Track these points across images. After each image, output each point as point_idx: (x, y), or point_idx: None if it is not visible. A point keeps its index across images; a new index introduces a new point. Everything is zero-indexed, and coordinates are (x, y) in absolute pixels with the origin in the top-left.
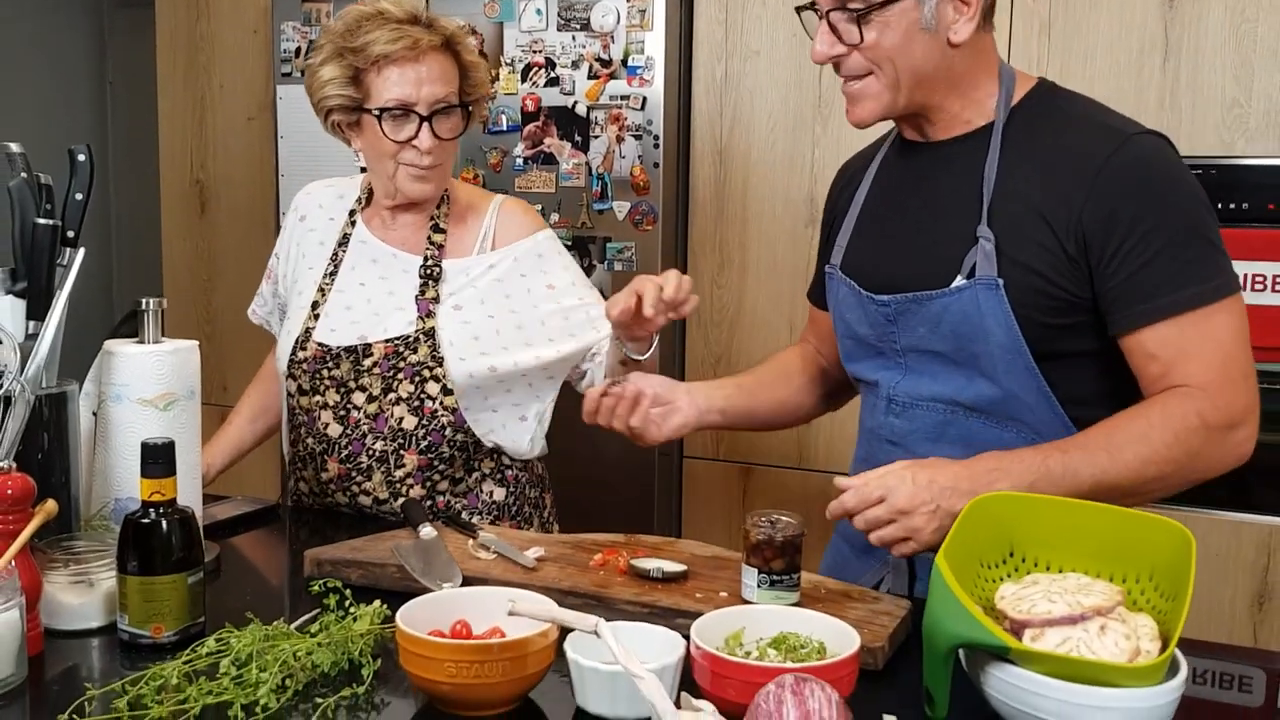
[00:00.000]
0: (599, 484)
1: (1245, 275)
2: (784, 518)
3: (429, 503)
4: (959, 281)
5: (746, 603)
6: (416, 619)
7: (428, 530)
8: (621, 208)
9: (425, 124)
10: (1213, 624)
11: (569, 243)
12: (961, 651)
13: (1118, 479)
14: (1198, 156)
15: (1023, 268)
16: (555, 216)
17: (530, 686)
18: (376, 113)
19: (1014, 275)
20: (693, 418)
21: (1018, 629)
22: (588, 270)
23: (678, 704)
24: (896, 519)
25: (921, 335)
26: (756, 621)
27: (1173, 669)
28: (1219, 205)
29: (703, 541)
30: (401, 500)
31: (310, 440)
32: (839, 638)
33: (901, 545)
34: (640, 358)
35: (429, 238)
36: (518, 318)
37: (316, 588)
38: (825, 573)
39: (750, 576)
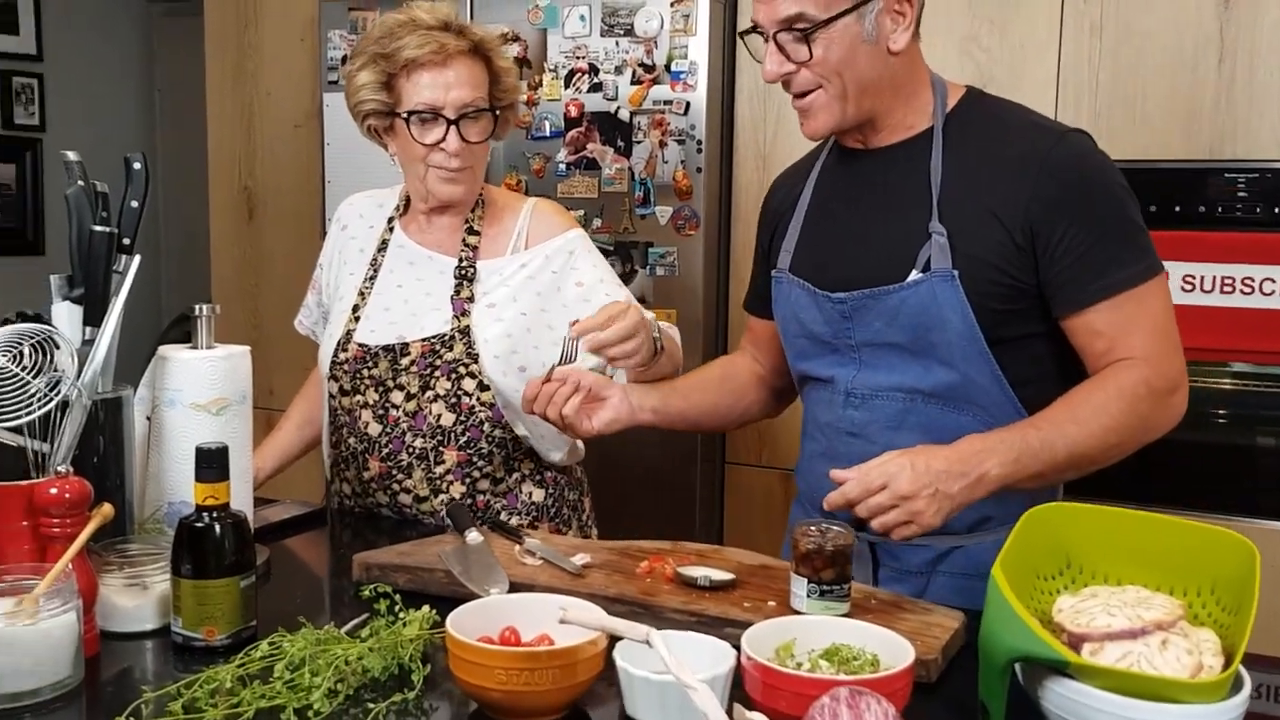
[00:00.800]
0: (639, 489)
1: None
2: (834, 527)
3: (469, 502)
4: (915, 275)
5: (796, 613)
6: (466, 625)
7: (474, 535)
8: (664, 213)
9: (453, 127)
10: (1274, 637)
11: (610, 248)
12: (1018, 665)
13: (1087, 448)
14: (1253, 160)
15: (975, 259)
16: (597, 221)
17: (579, 695)
18: (405, 116)
19: (967, 266)
20: (624, 414)
21: (1076, 643)
22: (630, 275)
23: (730, 715)
24: (899, 504)
25: (878, 329)
26: (808, 632)
27: (1236, 685)
28: (1275, 210)
29: (746, 549)
30: (442, 498)
31: (352, 440)
32: (892, 650)
33: (903, 529)
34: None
35: (464, 239)
36: (548, 316)
37: (367, 592)
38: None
39: (800, 586)
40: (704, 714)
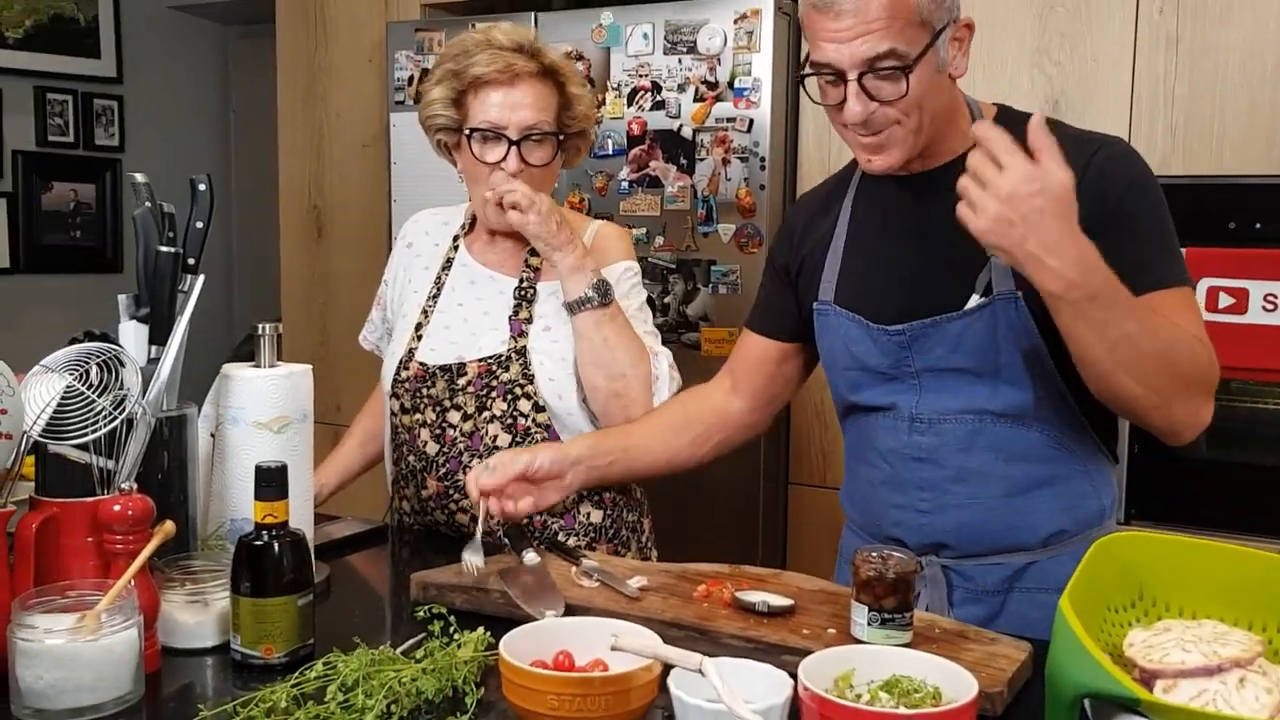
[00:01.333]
0: (701, 509)
1: None
2: (896, 553)
3: (526, 521)
4: (977, 299)
5: (857, 641)
6: (519, 648)
7: (531, 556)
8: (727, 230)
9: (514, 148)
10: None
11: (673, 265)
12: (1087, 701)
13: (1154, 342)
14: None
15: None
16: (660, 239)
17: None
18: (468, 132)
19: (1029, 285)
20: (548, 496)
21: (1148, 679)
22: (692, 293)
23: None
24: (1028, 207)
25: (940, 355)
26: (868, 662)
27: None
28: None
29: (808, 573)
30: (497, 519)
31: (411, 458)
32: (955, 682)
33: (980, 215)
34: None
35: (526, 260)
36: None
37: (421, 613)
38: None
39: (860, 614)
40: None
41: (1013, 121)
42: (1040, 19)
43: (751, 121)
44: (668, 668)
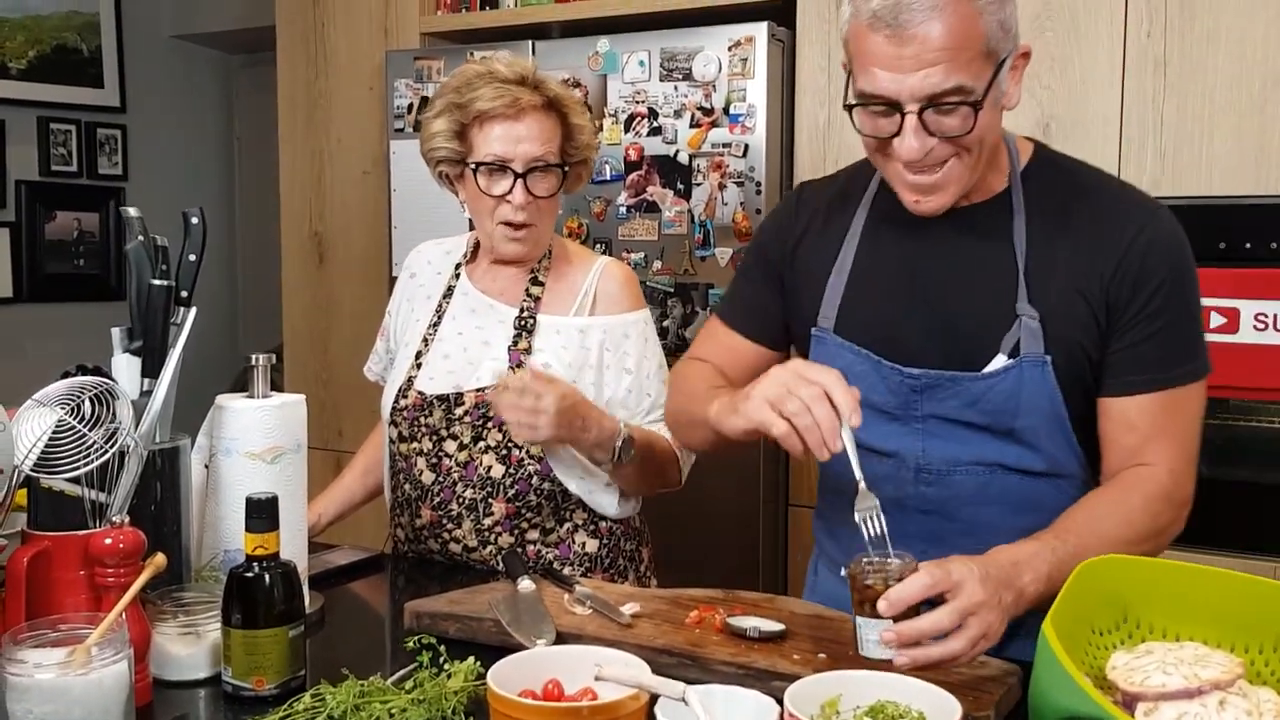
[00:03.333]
0: (701, 534)
1: None
2: (894, 559)
3: (520, 549)
4: (1003, 360)
5: (869, 661)
6: (508, 678)
7: (526, 584)
8: (724, 254)
9: (520, 180)
10: None
11: (671, 289)
12: None
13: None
14: None
15: (1065, 341)
16: (658, 264)
17: None
18: (473, 166)
19: (1058, 351)
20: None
21: (1130, 702)
22: (691, 316)
23: None
24: (978, 614)
25: (952, 408)
26: (855, 688)
27: None
28: None
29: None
30: (490, 549)
31: (407, 486)
32: (940, 707)
33: (979, 644)
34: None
35: (527, 290)
36: (593, 391)
37: (410, 644)
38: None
39: (871, 630)
40: None
41: (1054, 163)
42: (1029, 43)
43: (747, 146)
44: (656, 696)
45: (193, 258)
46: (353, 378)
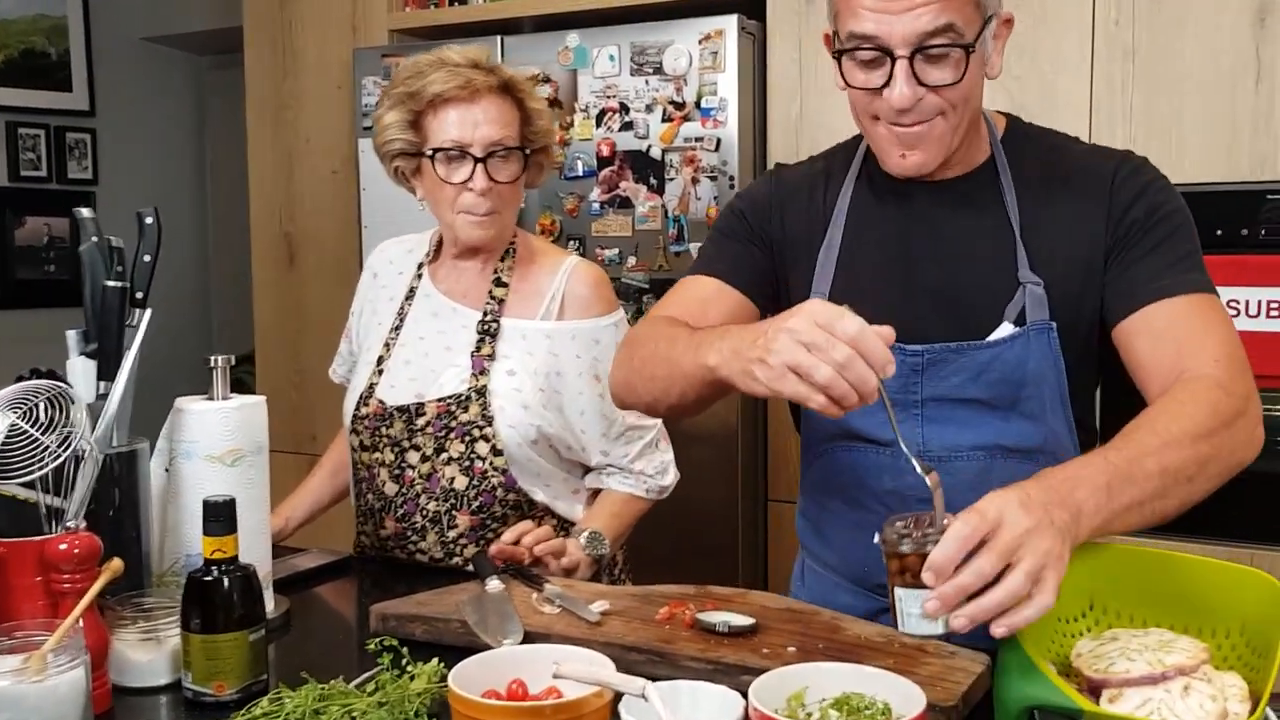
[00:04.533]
0: (679, 531)
1: None
2: (927, 514)
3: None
4: (1008, 328)
5: (918, 639)
6: (471, 678)
7: (494, 584)
8: (698, 249)
9: (480, 165)
10: None
11: (646, 285)
12: (1037, 713)
13: (1179, 461)
14: None
15: (1069, 306)
16: (632, 260)
17: None
18: (430, 153)
19: (1064, 316)
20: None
21: (1095, 689)
22: None
23: None
24: (1024, 542)
25: (954, 385)
26: (821, 680)
27: None
28: None
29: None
30: (456, 561)
31: (370, 496)
32: (906, 698)
33: (1043, 585)
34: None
35: (490, 292)
36: (561, 399)
37: (373, 645)
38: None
39: (913, 603)
40: None
41: (1028, 132)
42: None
43: (719, 140)
44: (621, 694)
45: (148, 258)
46: (325, 380)
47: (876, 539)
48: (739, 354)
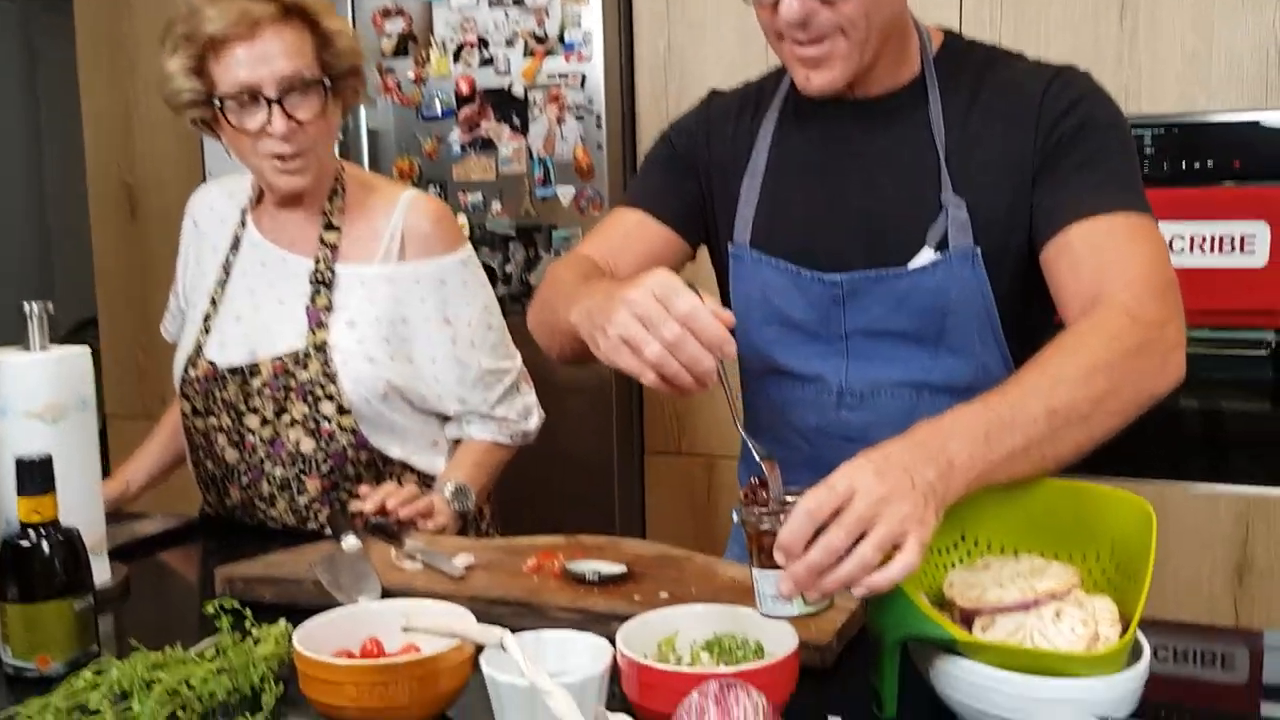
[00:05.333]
0: (553, 486)
1: (1211, 237)
2: (790, 497)
3: (341, 505)
4: (929, 254)
5: (770, 617)
6: (320, 639)
7: (350, 541)
8: (566, 193)
9: (276, 107)
10: (1192, 601)
11: (512, 232)
12: (911, 644)
13: (1069, 399)
14: (1158, 115)
15: (995, 231)
16: (497, 205)
17: (446, 705)
18: (218, 102)
19: (988, 241)
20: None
21: (968, 618)
22: (534, 261)
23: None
24: (879, 511)
25: (877, 315)
26: (692, 624)
27: (1135, 653)
28: (1182, 164)
29: (671, 541)
30: (313, 526)
31: (209, 464)
32: (778, 637)
33: (906, 549)
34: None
35: (321, 237)
36: (409, 348)
37: (210, 608)
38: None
39: (768, 584)
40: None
41: (965, 49)
42: None
43: (584, 77)
44: (482, 647)
45: None
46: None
47: (735, 519)
48: (590, 317)
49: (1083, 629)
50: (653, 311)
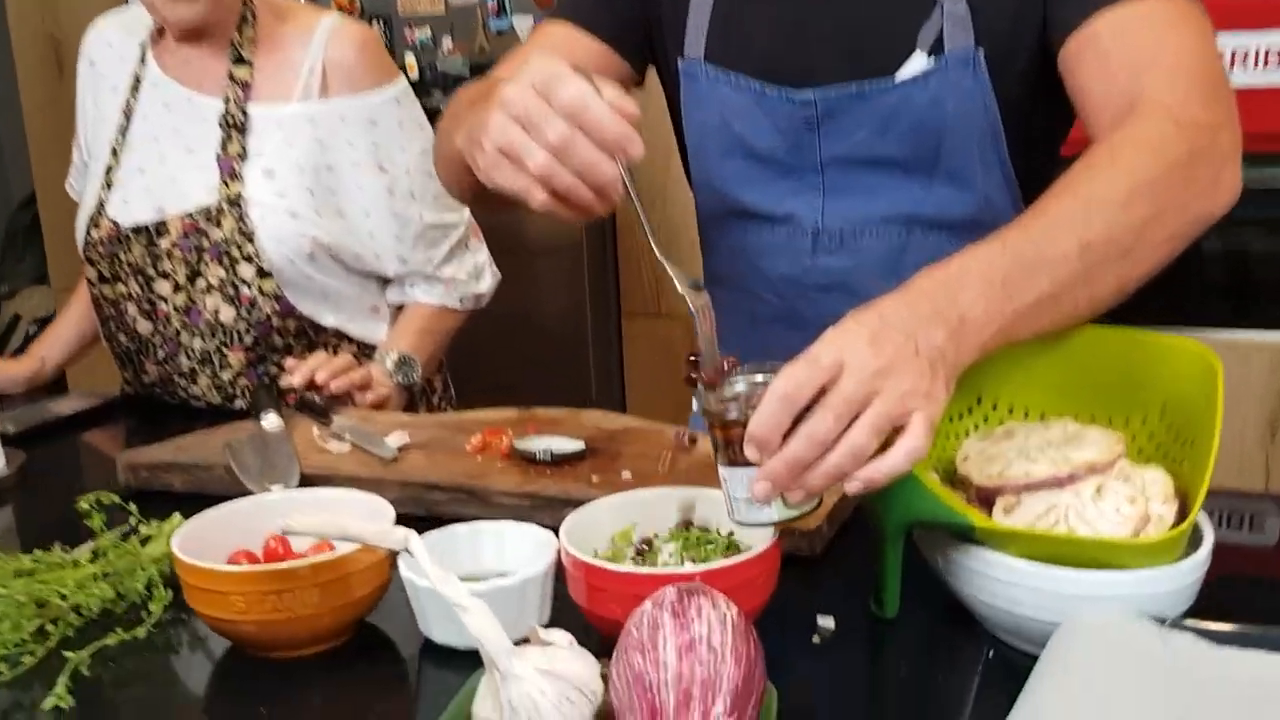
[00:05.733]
0: (522, 355)
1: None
2: (761, 376)
3: (270, 380)
4: (921, 61)
5: (743, 525)
6: (212, 540)
7: (271, 420)
8: (524, 25)
9: None
10: (1221, 461)
11: (466, 72)
12: (917, 531)
13: (1106, 230)
14: None
15: (1004, 22)
16: (448, 42)
17: (363, 612)
18: None
19: (992, 42)
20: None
21: (987, 498)
22: None
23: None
24: (877, 387)
25: (860, 140)
26: (654, 510)
27: (1195, 539)
28: None
29: (653, 414)
30: (240, 403)
31: (122, 337)
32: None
33: (913, 431)
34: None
35: (230, 73)
36: (337, 199)
37: (85, 504)
38: None
39: (740, 485)
40: (479, 642)
41: None
42: None
43: None
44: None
45: None
46: None
47: (695, 408)
48: (471, 134)
49: (1130, 508)
50: (533, 109)
